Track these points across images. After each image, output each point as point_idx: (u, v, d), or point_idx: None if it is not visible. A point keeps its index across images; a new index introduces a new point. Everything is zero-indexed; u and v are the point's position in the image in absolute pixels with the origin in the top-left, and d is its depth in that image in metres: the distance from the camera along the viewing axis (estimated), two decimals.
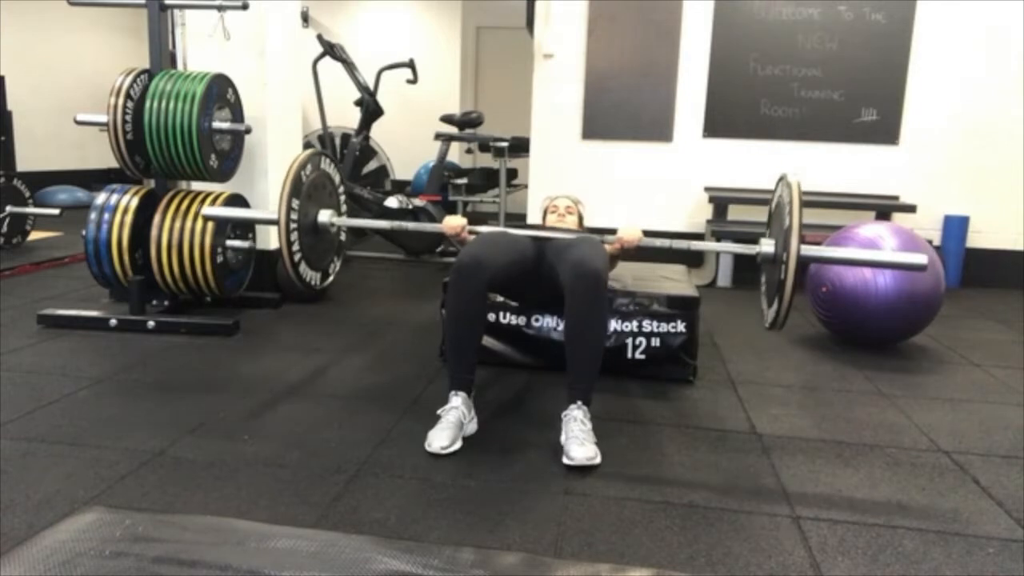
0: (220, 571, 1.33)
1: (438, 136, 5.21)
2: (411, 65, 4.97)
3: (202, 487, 1.76)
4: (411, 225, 2.51)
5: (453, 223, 2.43)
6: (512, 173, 6.05)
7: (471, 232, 2.42)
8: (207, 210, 2.63)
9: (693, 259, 4.70)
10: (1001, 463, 2.06)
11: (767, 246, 2.22)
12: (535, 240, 2.41)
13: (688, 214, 4.94)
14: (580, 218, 2.85)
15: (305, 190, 2.37)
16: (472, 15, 7.98)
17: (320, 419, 2.21)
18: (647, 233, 2.42)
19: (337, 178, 2.62)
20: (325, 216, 2.49)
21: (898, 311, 3.01)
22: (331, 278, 2.67)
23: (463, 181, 5.92)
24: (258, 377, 2.57)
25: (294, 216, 2.31)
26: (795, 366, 2.95)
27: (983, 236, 4.71)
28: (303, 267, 2.41)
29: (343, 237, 2.68)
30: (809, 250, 2.07)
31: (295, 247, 2.35)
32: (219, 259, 3.17)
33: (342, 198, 2.67)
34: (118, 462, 1.87)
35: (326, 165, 2.52)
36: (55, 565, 1.33)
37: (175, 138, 3.03)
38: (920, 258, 2.04)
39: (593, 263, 2.11)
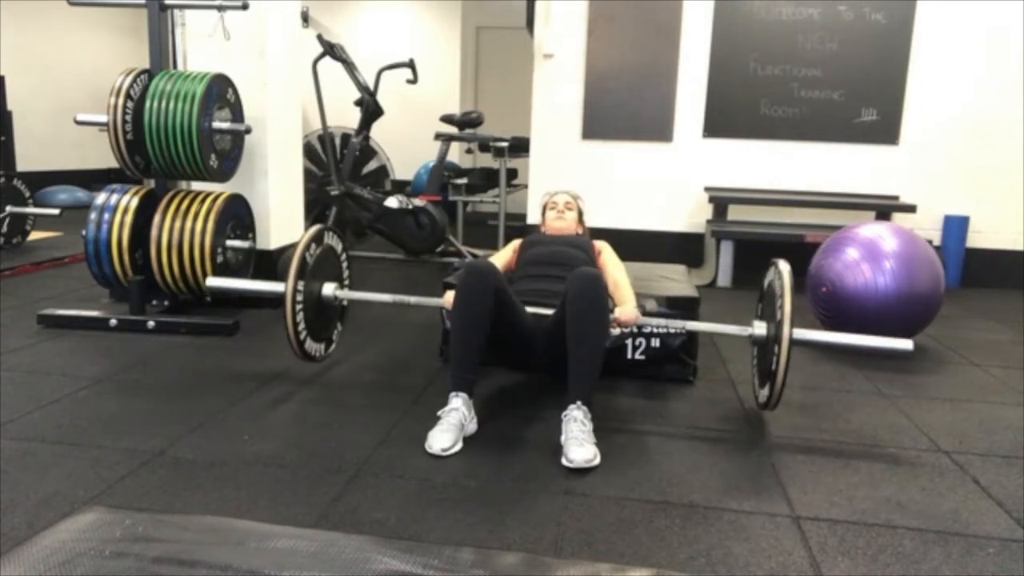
0: (220, 571, 1.33)
1: (438, 136, 5.21)
2: (411, 65, 4.97)
3: (202, 487, 1.76)
4: (412, 299, 2.49)
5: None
6: (512, 173, 6.05)
7: None
8: (211, 281, 2.64)
9: (693, 259, 4.70)
10: (1001, 463, 2.06)
11: (759, 328, 2.30)
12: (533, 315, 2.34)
13: (688, 214, 4.94)
14: (580, 213, 2.85)
15: (309, 270, 2.41)
16: (472, 15, 7.98)
17: (320, 419, 2.21)
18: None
19: (340, 247, 2.65)
20: (329, 290, 2.52)
21: (898, 311, 3.01)
22: (335, 345, 2.70)
23: (463, 181, 5.92)
24: (258, 377, 2.57)
25: (299, 298, 2.36)
26: (795, 366, 2.93)
27: (983, 236, 4.72)
28: (308, 343, 2.45)
29: (346, 303, 2.70)
30: (801, 334, 2.16)
31: (300, 326, 2.39)
32: (219, 259, 3.17)
33: (344, 265, 2.70)
34: (118, 462, 1.87)
35: (330, 238, 2.56)
36: (55, 565, 1.33)
37: (175, 138, 3.03)
38: (905, 344, 2.18)
39: (592, 269, 2.12)
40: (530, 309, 2.33)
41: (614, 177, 4.94)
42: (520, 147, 5.33)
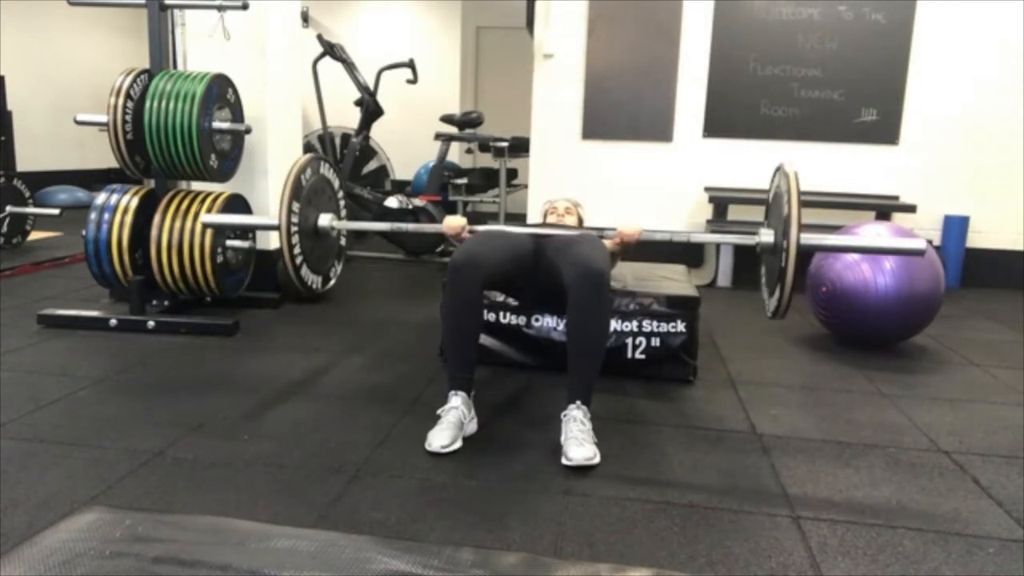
0: (220, 571, 1.33)
1: (438, 136, 5.21)
2: (411, 65, 4.97)
3: (202, 487, 1.76)
4: (411, 226, 2.51)
5: (453, 223, 2.43)
6: (512, 173, 6.05)
7: (471, 232, 2.42)
8: (206, 217, 2.63)
9: (693, 259, 4.70)
10: (1001, 463, 2.06)
11: (766, 235, 2.23)
12: (534, 237, 2.41)
13: (688, 214, 4.93)
14: (580, 220, 2.86)
15: (305, 194, 2.37)
16: (472, 15, 7.98)
17: (320, 419, 2.21)
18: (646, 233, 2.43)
19: (336, 183, 2.63)
20: (325, 220, 2.49)
21: (898, 311, 3.01)
22: (332, 281, 2.68)
23: (463, 181, 5.92)
24: (258, 377, 2.57)
25: (295, 220, 2.32)
26: (795, 366, 2.95)
27: (983, 236, 4.71)
28: (304, 270, 2.42)
29: (343, 241, 2.69)
30: (809, 238, 2.08)
31: (296, 250, 2.35)
32: (219, 259, 3.17)
33: (342, 202, 2.67)
34: (118, 462, 1.87)
35: (325, 170, 2.53)
36: (55, 565, 1.33)
37: (175, 138, 3.03)
38: (918, 243, 2.08)
39: (596, 263, 2.10)
40: (531, 230, 2.39)
41: (614, 177, 4.94)
42: (520, 147, 5.33)
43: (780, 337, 3.31)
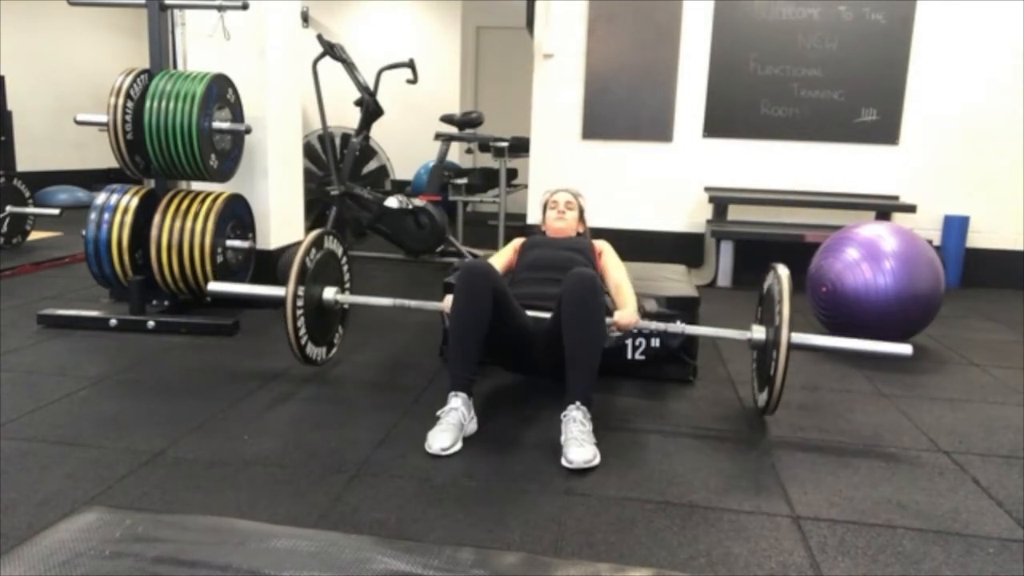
0: (220, 571, 1.33)
1: (438, 136, 5.21)
2: (411, 65, 4.97)
3: (202, 487, 1.76)
4: (412, 303, 2.49)
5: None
6: (512, 173, 6.05)
7: None
8: (212, 286, 2.67)
9: (693, 259, 4.70)
10: (1001, 463, 2.06)
11: (758, 333, 2.31)
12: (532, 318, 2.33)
13: (688, 214, 4.93)
14: (581, 212, 2.84)
15: (310, 275, 2.42)
16: (472, 15, 7.98)
17: (320, 419, 2.21)
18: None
19: (340, 251, 2.66)
20: (330, 294, 2.53)
21: (898, 311, 3.01)
22: (335, 349, 2.70)
23: (463, 181, 5.92)
24: (258, 377, 2.57)
25: (300, 303, 2.37)
26: (795, 366, 2.93)
27: (983, 236, 4.71)
28: (310, 347, 2.46)
29: (347, 307, 2.71)
30: (799, 339, 2.17)
31: (301, 331, 2.40)
32: (219, 259, 3.17)
33: (345, 268, 2.71)
34: (118, 462, 1.87)
35: (330, 243, 2.57)
36: (55, 565, 1.33)
37: (175, 138, 3.03)
38: (905, 349, 2.17)
39: (587, 270, 2.12)
40: (530, 313, 2.32)
41: (614, 177, 4.94)
42: (520, 147, 5.32)
43: None
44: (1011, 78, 4.57)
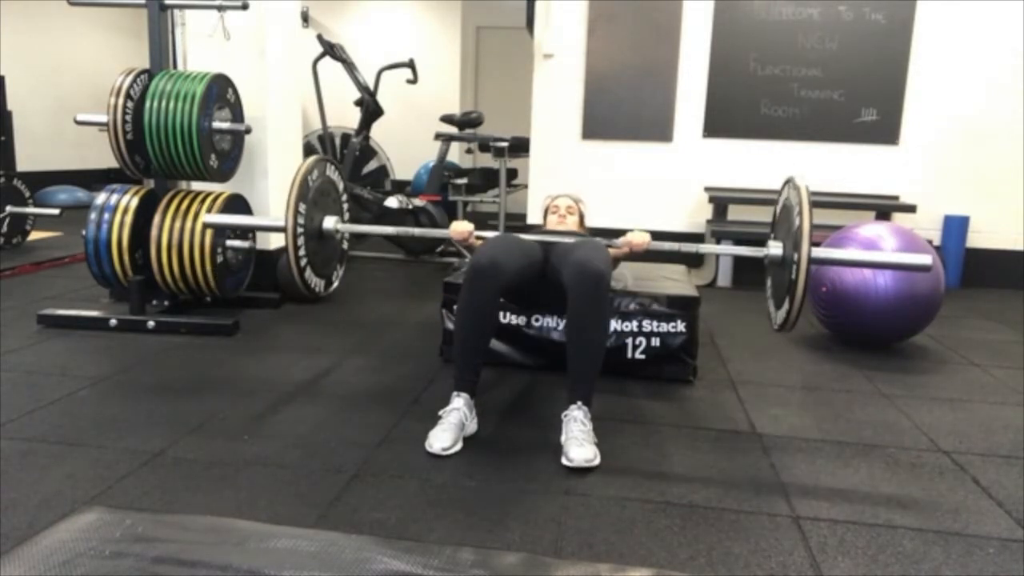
0: (220, 571, 1.33)
1: (438, 136, 5.21)
2: (411, 65, 4.97)
3: (202, 487, 1.76)
4: (416, 231, 2.51)
5: (460, 228, 2.42)
6: (512, 173, 6.04)
7: (478, 237, 2.42)
8: (208, 217, 2.63)
9: (693, 259, 4.70)
10: (1001, 463, 2.06)
11: (775, 248, 2.22)
12: (540, 244, 2.42)
13: (688, 214, 4.94)
14: (581, 217, 2.85)
15: (311, 196, 2.37)
16: (472, 15, 7.98)
17: (320, 419, 2.21)
18: (647, 233, 2.43)
19: (341, 185, 2.63)
20: (330, 222, 2.49)
21: (898, 311, 3.00)
22: (335, 284, 2.68)
23: (463, 181, 5.91)
24: (258, 377, 2.57)
25: (300, 221, 2.32)
26: (795, 366, 2.95)
27: (983, 236, 4.71)
28: (308, 273, 2.42)
29: (346, 244, 2.69)
30: (820, 252, 2.09)
31: (301, 252, 2.35)
32: (219, 259, 3.17)
33: (345, 205, 2.67)
34: (118, 462, 1.87)
35: (331, 172, 2.53)
36: (55, 565, 1.33)
37: (175, 138, 3.03)
38: (924, 259, 2.08)
39: (595, 264, 2.10)
40: (539, 237, 2.41)
41: (614, 177, 4.94)
42: (520, 147, 5.32)
43: (780, 337, 3.31)
44: (1011, 78, 4.57)
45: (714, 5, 4.70)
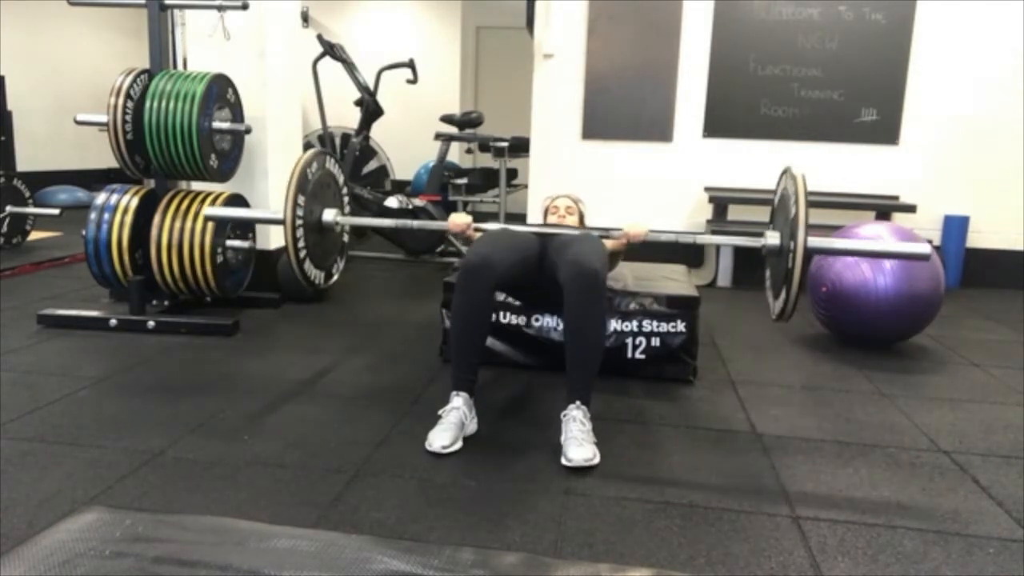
0: (220, 571, 1.33)
1: (438, 136, 5.21)
2: (411, 65, 4.97)
3: (202, 487, 1.76)
4: (415, 223, 2.51)
5: (458, 220, 2.42)
6: (512, 173, 6.05)
7: (477, 230, 2.42)
8: (209, 210, 2.62)
9: (693, 259, 4.70)
10: (1001, 463, 2.06)
11: (772, 238, 2.22)
12: (538, 236, 2.42)
13: (688, 214, 4.94)
14: (581, 217, 2.85)
15: (311, 188, 2.37)
16: (472, 15, 7.98)
17: (320, 419, 2.21)
18: None
19: (341, 178, 2.62)
20: (330, 215, 2.48)
21: (898, 311, 3.00)
22: (335, 278, 2.68)
23: (463, 181, 5.92)
24: (258, 377, 2.57)
25: (300, 213, 2.31)
26: (795, 366, 2.95)
27: (983, 236, 4.71)
28: (308, 264, 2.41)
29: (346, 238, 2.68)
30: (816, 241, 2.08)
31: (300, 244, 2.34)
32: (219, 259, 3.17)
33: (345, 198, 2.67)
34: (118, 462, 1.87)
35: (330, 164, 2.53)
36: (55, 565, 1.33)
37: (175, 138, 3.03)
38: (923, 248, 2.09)
39: (591, 262, 2.10)
40: (537, 228, 2.41)
41: (614, 177, 4.94)
42: (520, 147, 5.33)
43: (780, 337, 3.31)
44: (1011, 78, 4.57)
45: (714, 5, 4.70)
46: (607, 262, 2.28)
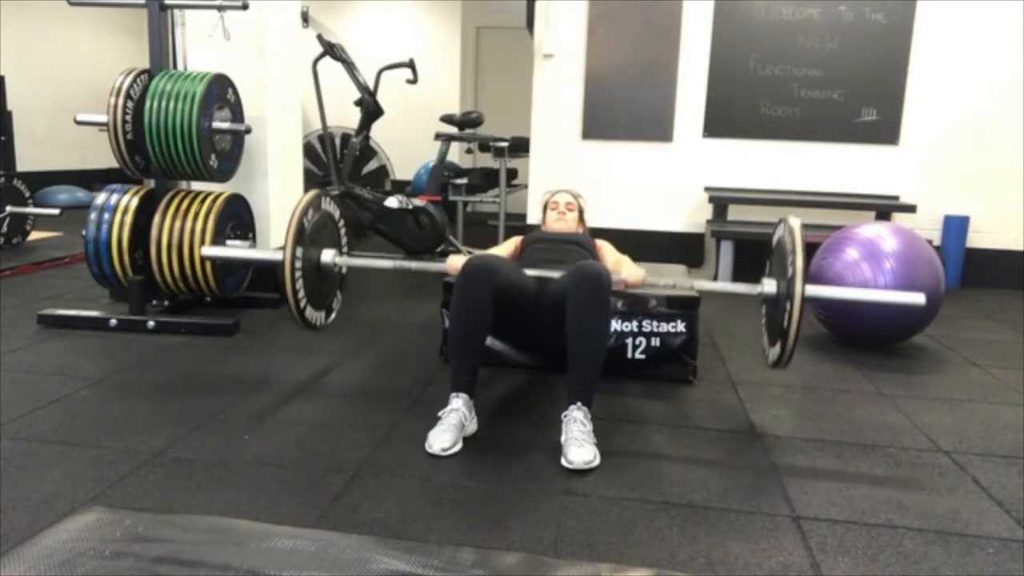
0: (220, 571, 1.33)
1: (438, 136, 5.21)
2: (411, 65, 4.96)
3: (202, 487, 1.76)
4: (414, 264, 2.49)
5: (457, 264, 2.38)
6: (512, 173, 6.05)
7: None
8: (206, 250, 2.64)
9: (693, 259, 4.70)
10: (1001, 463, 2.06)
11: (769, 286, 2.26)
12: (536, 280, 2.39)
13: (688, 214, 4.94)
14: (581, 213, 2.84)
15: (308, 235, 2.39)
16: (472, 15, 7.98)
17: (320, 419, 2.21)
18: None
19: (337, 213, 2.63)
20: (328, 256, 2.50)
21: (898, 311, 3.00)
22: (334, 314, 2.69)
23: (463, 181, 5.92)
24: (258, 377, 2.57)
25: (298, 264, 2.34)
26: (795, 366, 2.94)
27: (983, 236, 4.71)
28: (309, 311, 2.43)
29: (344, 271, 2.69)
30: (813, 290, 2.13)
31: (300, 295, 2.37)
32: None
33: (342, 231, 2.68)
34: (118, 462, 1.87)
35: (327, 204, 2.54)
36: (55, 565, 1.33)
37: (175, 138, 3.03)
38: (917, 297, 2.12)
39: (595, 266, 2.11)
40: (533, 272, 2.37)
41: (614, 177, 4.94)
42: (520, 147, 5.32)
43: None
44: (1011, 78, 4.57)
45: (714, 5, 4.71)
46: (610, 274, 2.25)
